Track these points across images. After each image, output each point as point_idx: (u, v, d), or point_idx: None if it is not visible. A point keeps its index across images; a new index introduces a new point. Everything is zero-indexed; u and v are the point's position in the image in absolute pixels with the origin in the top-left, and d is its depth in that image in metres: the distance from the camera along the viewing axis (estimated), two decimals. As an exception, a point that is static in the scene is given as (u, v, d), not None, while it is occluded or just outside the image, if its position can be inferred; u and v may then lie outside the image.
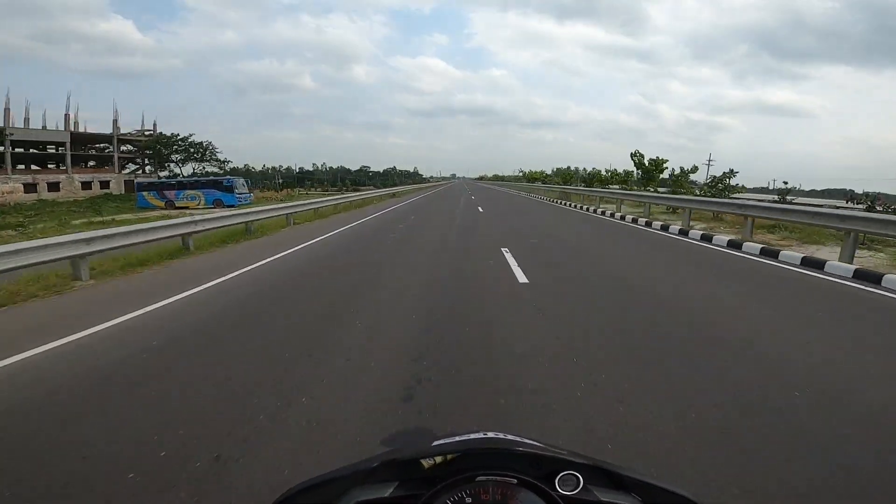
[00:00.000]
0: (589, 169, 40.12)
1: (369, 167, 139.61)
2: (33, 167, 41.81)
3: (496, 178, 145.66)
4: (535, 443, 0.47)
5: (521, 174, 69.49)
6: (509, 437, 0.48)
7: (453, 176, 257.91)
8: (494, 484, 0.42)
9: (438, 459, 0.43)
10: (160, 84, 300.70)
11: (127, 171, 46.98)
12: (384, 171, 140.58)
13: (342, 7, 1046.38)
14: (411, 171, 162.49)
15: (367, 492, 0.44)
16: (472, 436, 0.48)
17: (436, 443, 0.47)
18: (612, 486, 0.46)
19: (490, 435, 0.48)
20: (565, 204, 21.73)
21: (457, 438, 0.47)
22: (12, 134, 35.98)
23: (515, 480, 0.42)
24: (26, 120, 39.24)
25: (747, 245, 7.94)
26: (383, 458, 0.45)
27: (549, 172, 50.71)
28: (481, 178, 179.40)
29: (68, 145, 40.15)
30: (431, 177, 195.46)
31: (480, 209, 17.77)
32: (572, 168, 49.18)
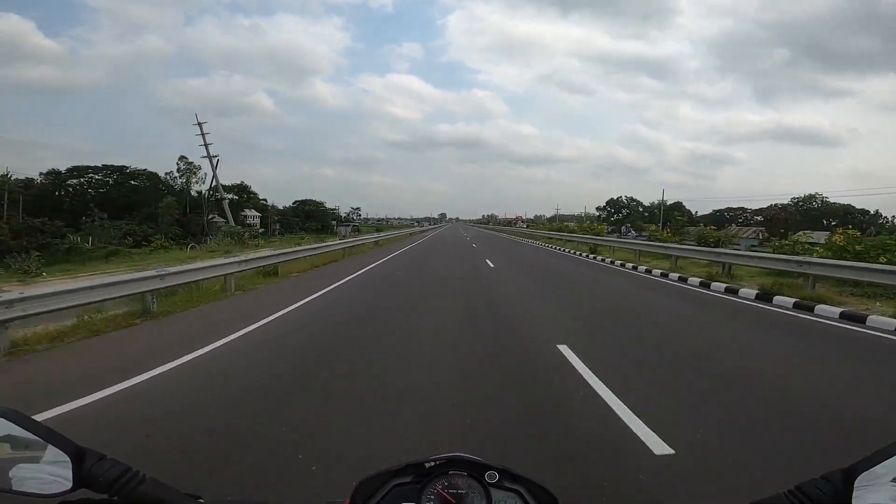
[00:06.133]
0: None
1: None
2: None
3: (498, 223, 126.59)
4: (479, 459, 0.81)
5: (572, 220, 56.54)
6: (468, 455, 0.81)
7: (443, 217, 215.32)
8: (458, 475, 0.79)
9: (432, 464, 0.79)
10: (88, 101, 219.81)
11: None
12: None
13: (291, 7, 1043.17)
14: (334, 208, 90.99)
15: (398, 479, 0.80)
16: (452, 454, 0.82)
17: (433, 456, 0.81)
18: (514, 481, 0.80)
19: (460, 454, 0.82)
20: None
21: (443, 455, 0.80)
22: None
23: (466, 474, 0.78)
24: None
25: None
26: (407, 462, 0.80)
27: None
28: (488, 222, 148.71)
29: None
30: (381, 220, 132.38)
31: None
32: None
